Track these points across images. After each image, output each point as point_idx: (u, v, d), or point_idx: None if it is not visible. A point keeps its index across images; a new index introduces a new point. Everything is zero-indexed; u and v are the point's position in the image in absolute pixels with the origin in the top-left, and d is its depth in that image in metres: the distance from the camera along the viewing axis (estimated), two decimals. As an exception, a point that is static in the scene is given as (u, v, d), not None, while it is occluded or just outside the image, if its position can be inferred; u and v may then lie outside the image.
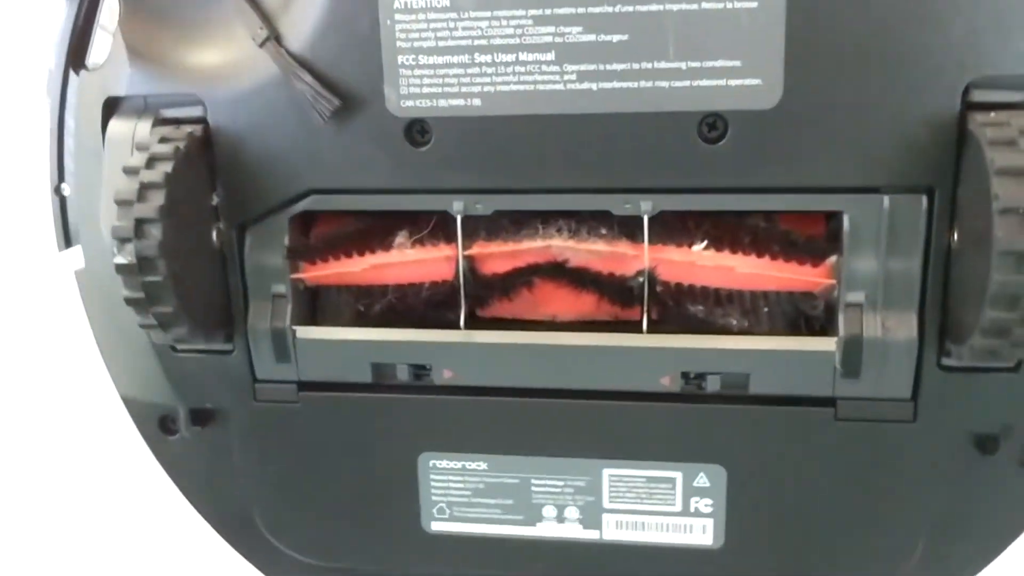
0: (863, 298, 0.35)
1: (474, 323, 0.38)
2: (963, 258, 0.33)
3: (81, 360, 0.52)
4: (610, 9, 0.33)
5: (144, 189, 0.34)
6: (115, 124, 0.38)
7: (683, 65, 0.34)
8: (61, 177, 0.41)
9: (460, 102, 0.35)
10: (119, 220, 0.34)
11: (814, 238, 0.36)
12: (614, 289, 0.37)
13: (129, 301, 0.35)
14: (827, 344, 0.36)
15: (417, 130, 0.36)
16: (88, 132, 0.39)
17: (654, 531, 0.39)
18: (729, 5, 0.33)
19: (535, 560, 0.41)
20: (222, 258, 0.39)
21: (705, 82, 0.34)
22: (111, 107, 0.38)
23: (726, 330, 0.37)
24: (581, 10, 0.34)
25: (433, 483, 0.40)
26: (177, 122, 0.37)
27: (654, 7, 0.33)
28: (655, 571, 0.40)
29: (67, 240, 0.42)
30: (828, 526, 0.38)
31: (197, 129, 0.37)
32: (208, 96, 0.37)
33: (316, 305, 0.40)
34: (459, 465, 0.40)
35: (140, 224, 0.34)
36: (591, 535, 0.40)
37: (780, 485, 0.38)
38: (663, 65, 0.34)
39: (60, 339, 0.62)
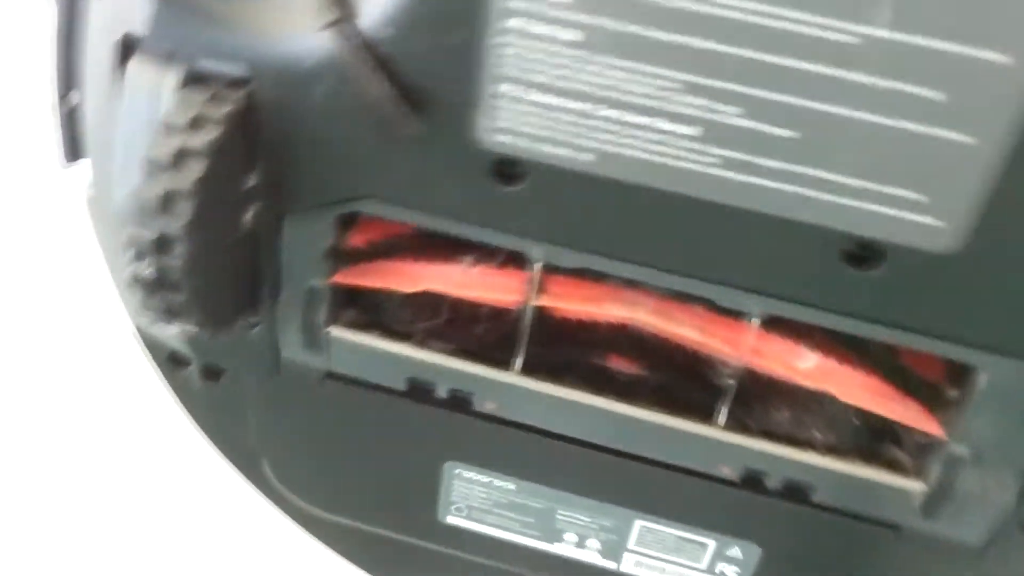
0: (968, 453, 0.31)
1: (530, 362, 0.34)
2: None
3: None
4: (783, 99, 0.26)
5: (170, 198, 0.28)
6: (135, 68, 0.30)
7: (855, 182, 0.27)
8: (69, 85, 0.34)
9: (567, 152, 0.28)
10: (136, 225, 0.28)
11: (934, 383, 0.32)
12: (696, 380, 0.33)
13: (146, 307, 0.30)
14: (912, 485, 0.32)
15: (508, 166, 0.29)
16: (103, 50, 0.32)
17: None
18: (937, 132, 0.25)
19: (544, 569, 0.40)
20: (254, 240, 0.33)
21: (875, 207, 0.27)
22: (129, 44, 0.30)
23: (808, 441, 0.33)
24: (746, 90, 0.26)
25: (455, 487, 0.38)
26: (213, 80, 0.30)
27: (840, 111, 0.26)
28: None
29: (74, 154, 0.35)
30: None
31: (239, 97, 0.30)
32: (257, 63, 0.29)
33: (355, 292, 0.36)
34: (486, 479, 0.37)
35: (163, 240, 0.28)
36: (608, 565, 0.39)
37: (812, 571, 0.37)
38: (829, 176, 0.27)
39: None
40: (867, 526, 0.34)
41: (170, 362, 0.39)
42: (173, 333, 0.35)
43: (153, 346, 0.39)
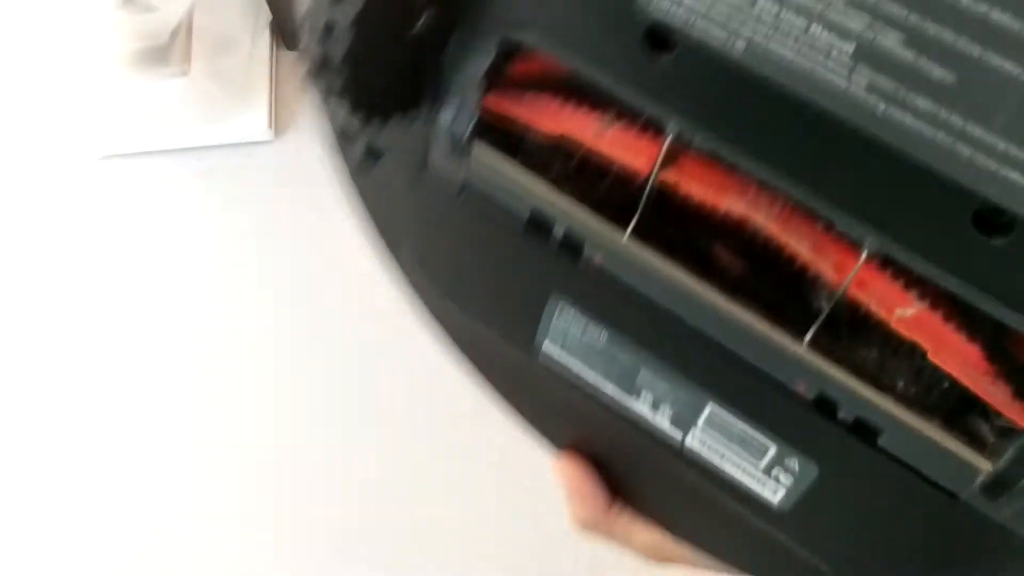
0: None
1: (641, 230, 0.35)
2: None
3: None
4: (952, 39, 0.24)
5: None
6: None
7: (1003, 144, 0.25)
8: None
9: (721, 34, 0.28)
10: (313, 7, 0.31)
11: None
12: (793, 292, 0.32)
13: (312, 83, 0.33)
14: (980, 462, 0.31)
15: (662, 34, 0.29)
16: None
17: (730, 465, 0.39)
18: (1108, 115, 0.23)
19: (617, 421, 0.42)
20: (420, 46, 0.35)
21: (1016, 175, 0.25)
22: None
23: (890, 386, 0.33)
24: (914, 18, 0.24)
25: (557, 319, 0.40)
26: None
27: (1008, 66, 0.23)
28: (714, 496, 0.41)
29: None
30: (884, 544, 0.38)
31: None
32: None
33: (502, 119, 0.37)
34: (584, 321, 0.39)
35: (330, 26, 0.31)
36: (674, 435, 0.40)
37: (862, 505, 0.37)
38: (976, 131, 0.25)
39: None
40: (923, 486, 0.33)
41: (342, 135, 0.43)
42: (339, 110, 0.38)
43: (332, 116, 0.43)
